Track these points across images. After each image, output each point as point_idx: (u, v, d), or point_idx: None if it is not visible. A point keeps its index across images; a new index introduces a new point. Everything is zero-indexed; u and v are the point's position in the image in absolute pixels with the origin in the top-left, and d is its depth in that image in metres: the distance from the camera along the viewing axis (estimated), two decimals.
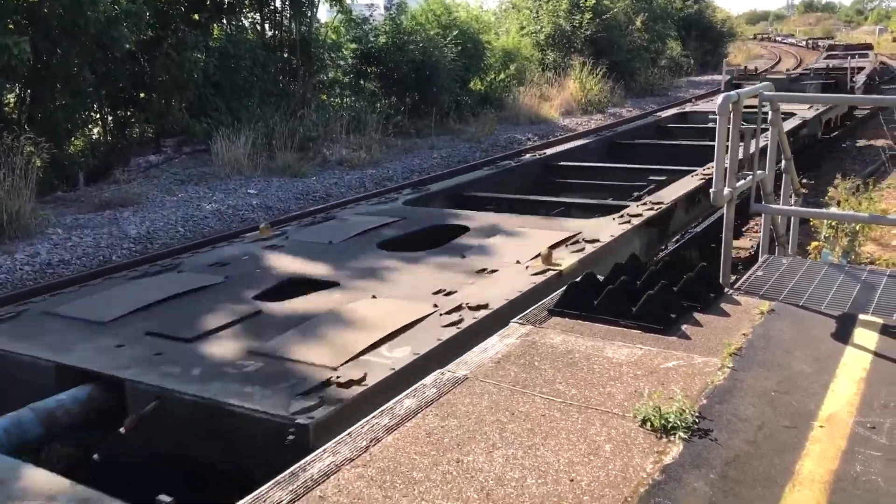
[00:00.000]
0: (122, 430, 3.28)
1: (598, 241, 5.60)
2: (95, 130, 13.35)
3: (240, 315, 4.32)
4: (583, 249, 5.39)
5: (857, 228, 7.01)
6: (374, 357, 3.72)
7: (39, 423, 3.34)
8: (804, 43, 46.96)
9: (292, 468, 2.67)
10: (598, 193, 8.47)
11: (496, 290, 4.60)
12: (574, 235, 5.77)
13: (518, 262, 5.15)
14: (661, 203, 6.77)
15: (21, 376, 3.79)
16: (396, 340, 3.89)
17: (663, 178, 8.50)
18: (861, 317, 4.00)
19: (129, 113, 13.65)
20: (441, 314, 4.22)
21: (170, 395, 3.36)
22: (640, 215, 6.35)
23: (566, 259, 5.16)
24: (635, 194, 8.09)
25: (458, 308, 4.29)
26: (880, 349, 3.60)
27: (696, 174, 8.01)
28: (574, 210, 7.53)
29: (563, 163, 10.10)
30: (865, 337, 3.75)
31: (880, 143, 13.12)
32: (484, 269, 5.03)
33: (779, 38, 52.51)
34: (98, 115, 13.27)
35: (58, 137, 11.05)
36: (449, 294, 4.55)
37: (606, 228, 6.01)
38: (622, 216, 6.36)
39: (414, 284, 4.80)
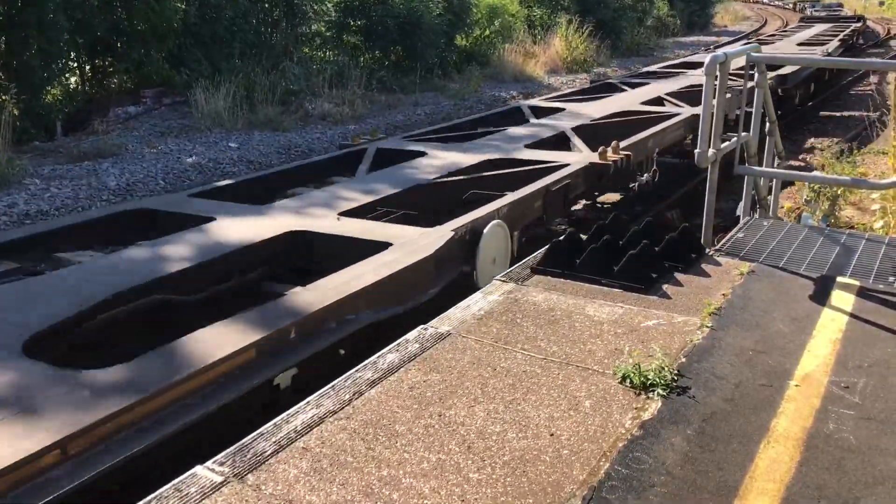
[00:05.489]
0: None
1: None
2: (73, 80, 13.07)
3: None
4: None
5: (839, 192, 7.06)
6: None
7: None
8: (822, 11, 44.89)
9: (276, 420, 2.68)
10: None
11: None
12: None
13: None
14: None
15: None
16: None
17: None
18: (839, 279, 4.06)
19: (107, 62, 13.37)
20: None
21: None
22: None
23: None
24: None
25: None
26: (856, 311, 3.66)
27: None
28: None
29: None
30: (842, 299, 3.81)
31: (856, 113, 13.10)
32: None
33: (808, 8, 50.11)
34: (76, 65, 12.98)
35: (34, 86, 10.81)
36: None
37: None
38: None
39: None
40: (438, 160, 6.88)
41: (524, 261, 4.33)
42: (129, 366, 3.02)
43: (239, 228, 4.82)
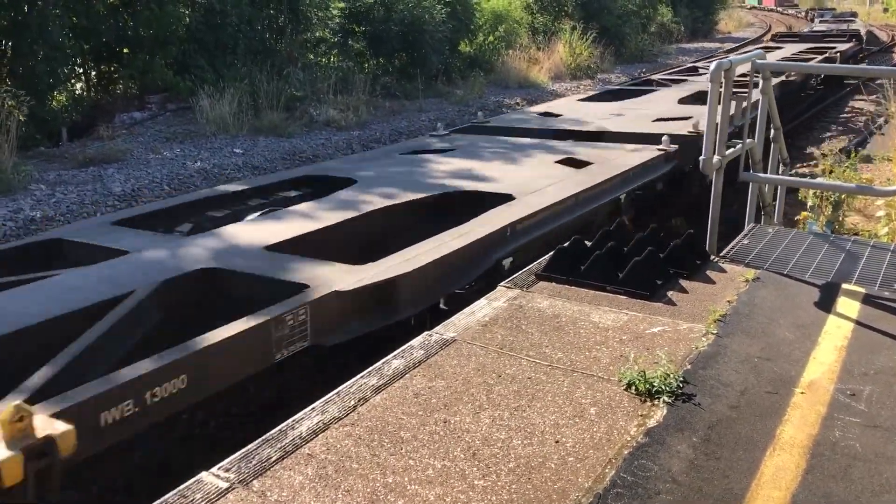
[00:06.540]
0: None
1: None
2: (78, 86, 13.14)
3: None
4: None
5: (843, 198, 7.05)
6: None
7: None
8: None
9: (281, 426, 2.69)
10: None
11: None
12: None
13: None
14: None
15: None
16: None
17: None
18: (844, 286, 4.05)
19: (112, 69, 13.43)
20: None
21: None
22: None
23: None
24: None
25: None
26: (862, 318, 3.65)
27: None
28: None
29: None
30: (848, 306, 3.80)
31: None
32: None
33: (817, 17, 44.72)
34: (81, 71, 13.04)
35: (40, 92, 10.85)
36: None
37: None
38: None
39: None
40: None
41: (529, 267, 4.33)
42: None
43: None
